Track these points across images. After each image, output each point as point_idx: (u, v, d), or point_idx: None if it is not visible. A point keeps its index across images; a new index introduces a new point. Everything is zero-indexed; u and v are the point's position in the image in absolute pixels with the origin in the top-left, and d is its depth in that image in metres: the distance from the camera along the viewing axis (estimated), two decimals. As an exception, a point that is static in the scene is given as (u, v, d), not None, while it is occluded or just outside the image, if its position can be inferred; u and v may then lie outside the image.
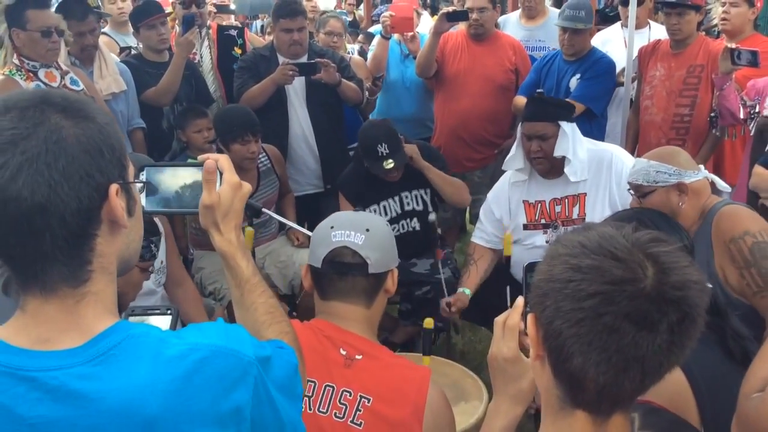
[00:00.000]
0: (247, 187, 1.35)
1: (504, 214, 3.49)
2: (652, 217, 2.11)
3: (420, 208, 3.80)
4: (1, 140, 0.95)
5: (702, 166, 2.66)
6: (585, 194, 3.33)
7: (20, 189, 0.94)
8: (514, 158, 3.43)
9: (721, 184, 2.70)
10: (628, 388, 1.01)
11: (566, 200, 3.37)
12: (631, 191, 2.70)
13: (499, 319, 1.36)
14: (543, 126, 3.26)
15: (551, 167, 3.34)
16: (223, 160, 1.31)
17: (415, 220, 3.81)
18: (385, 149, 3.51)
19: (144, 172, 1.24)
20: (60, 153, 0.96)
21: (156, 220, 2.77)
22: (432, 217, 3.65)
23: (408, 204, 3.79)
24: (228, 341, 1.05)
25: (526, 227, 3.45)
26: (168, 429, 0.97)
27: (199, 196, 1.29)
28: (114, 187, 1.01)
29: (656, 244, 1.02)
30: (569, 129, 3.26)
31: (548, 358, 1.05)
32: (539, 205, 3.42)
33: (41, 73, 3.46)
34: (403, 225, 3.81)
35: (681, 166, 2.57)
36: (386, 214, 3.77)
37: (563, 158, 3.27)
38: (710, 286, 1.51)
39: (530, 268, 1.33)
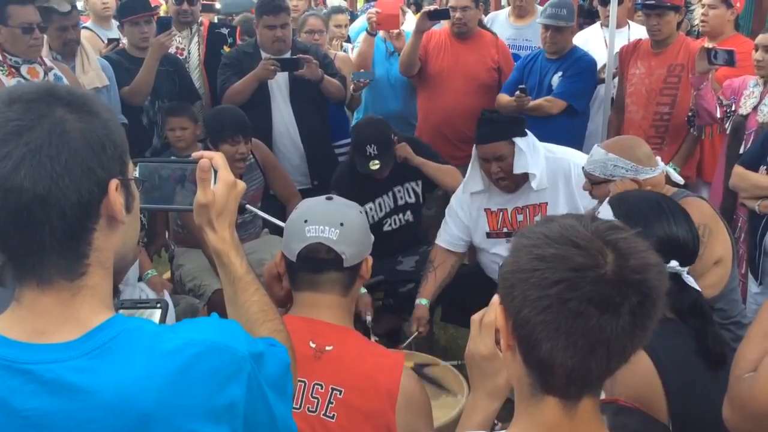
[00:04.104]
0: (242, 185, 1.35)
1: (469, 221, 3.45)
2: (672, 206, 2.06)
3: (412, 200, 3.85)
4: (5, 131, 0.95)
5: (659, 159, 2.65)
6: (546, 203, 3.29)
7: (22, 180, 0.94)
8: (473, 180, 3.37)
9: (675, 176, 2.69)
10: (595, 371, 1.05)
11: (527, 209, 3.34)
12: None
13: (475, 317, 1.38)
14: (498, 146, 3.18)
15: (516, 185, 3.29)
16: (218, 158, 1.30)
17: (408, 212, 3.86)
18: (374, 150, 3.54)
19: (137, 168, 1.23)
20: (63, 146, 0.96)
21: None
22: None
23: (401, 198, 3.84)
24: (223, 337, 1.05)
25: (489, 236, 3.43)
26: (162, 423, 0.97)
27: (192, 193, 1.29)
28: (114, 183, 1.01)
29: (614, 231, 1.07)
30: (524, 144, 3.18)
31: (518, 347, 1.09)
32: (501, 213, 3.39)
33: (23, 69, 3.43)
34: (395, 220, 3.86)
35: (639, 161, 2.56)
36: (381, 210, 3.81)
37: (526, 173, 3.21)
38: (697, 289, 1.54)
39: None
